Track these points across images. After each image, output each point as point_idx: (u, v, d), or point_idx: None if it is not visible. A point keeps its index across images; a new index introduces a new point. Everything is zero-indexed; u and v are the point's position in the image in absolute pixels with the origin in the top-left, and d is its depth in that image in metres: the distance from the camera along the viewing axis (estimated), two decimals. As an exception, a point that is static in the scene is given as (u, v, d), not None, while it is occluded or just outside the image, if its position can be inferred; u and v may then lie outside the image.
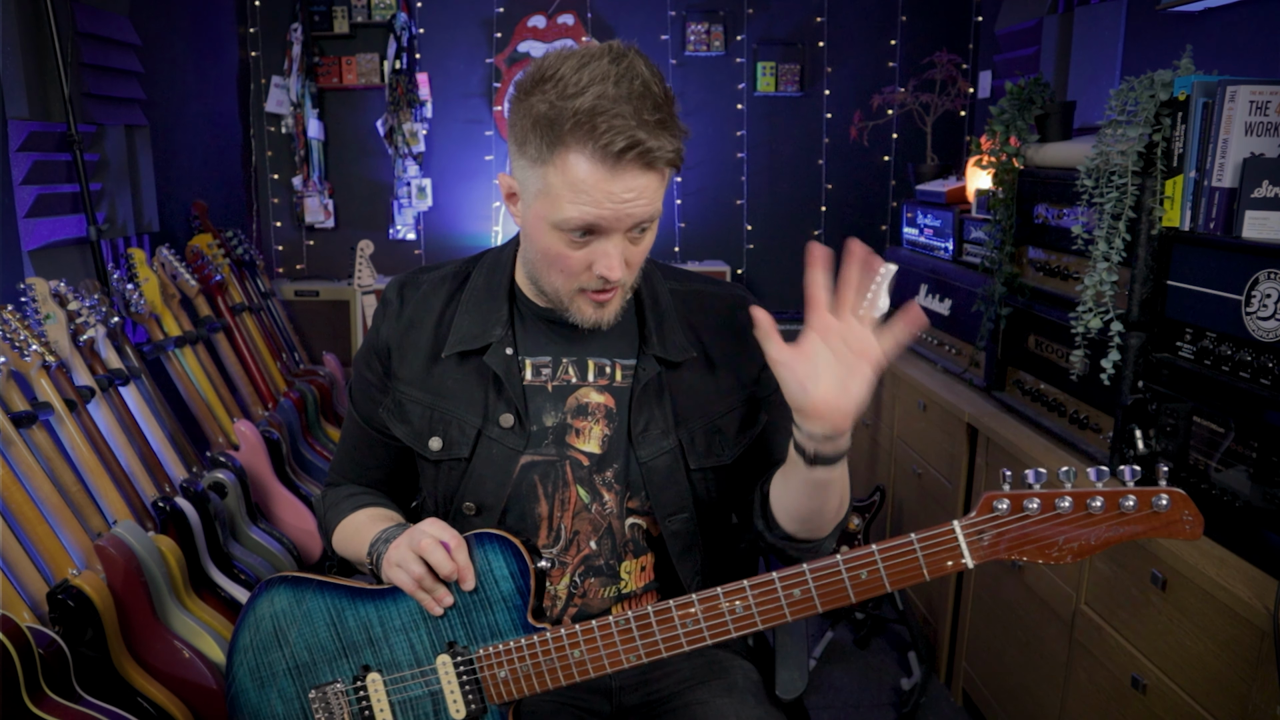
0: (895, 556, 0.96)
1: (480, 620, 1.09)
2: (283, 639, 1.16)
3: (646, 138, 0.98)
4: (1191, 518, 0.92)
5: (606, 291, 1.10)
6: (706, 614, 1.01)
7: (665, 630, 1.03)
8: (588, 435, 1.20)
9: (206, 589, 2.19)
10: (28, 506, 1.81)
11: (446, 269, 1.28)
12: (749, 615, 1.00)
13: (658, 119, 0.99)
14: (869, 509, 2.69)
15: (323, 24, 3.96)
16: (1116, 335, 1.70)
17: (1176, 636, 1.48)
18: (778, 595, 0.99)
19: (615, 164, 0.99)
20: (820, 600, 0.98)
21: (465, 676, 1.09)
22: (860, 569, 0.97)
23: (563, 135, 0.99)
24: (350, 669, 1.13)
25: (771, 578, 0.99)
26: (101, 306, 2.30)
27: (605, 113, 0.97)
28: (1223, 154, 1.52)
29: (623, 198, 1.01)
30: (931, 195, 2.87)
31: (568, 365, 1.21)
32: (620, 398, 1.20)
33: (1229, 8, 2.18)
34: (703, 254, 4.26)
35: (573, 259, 1.07)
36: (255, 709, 1.18)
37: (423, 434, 1.21)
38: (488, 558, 1.09)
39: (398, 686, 1.12)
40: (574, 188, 1.01)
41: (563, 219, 1.03)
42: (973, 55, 4.05)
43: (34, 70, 2.43)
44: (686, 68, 4.11)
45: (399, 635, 1.12)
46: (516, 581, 1.08)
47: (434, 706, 1.10)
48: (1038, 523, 0.93)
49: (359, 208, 4.19)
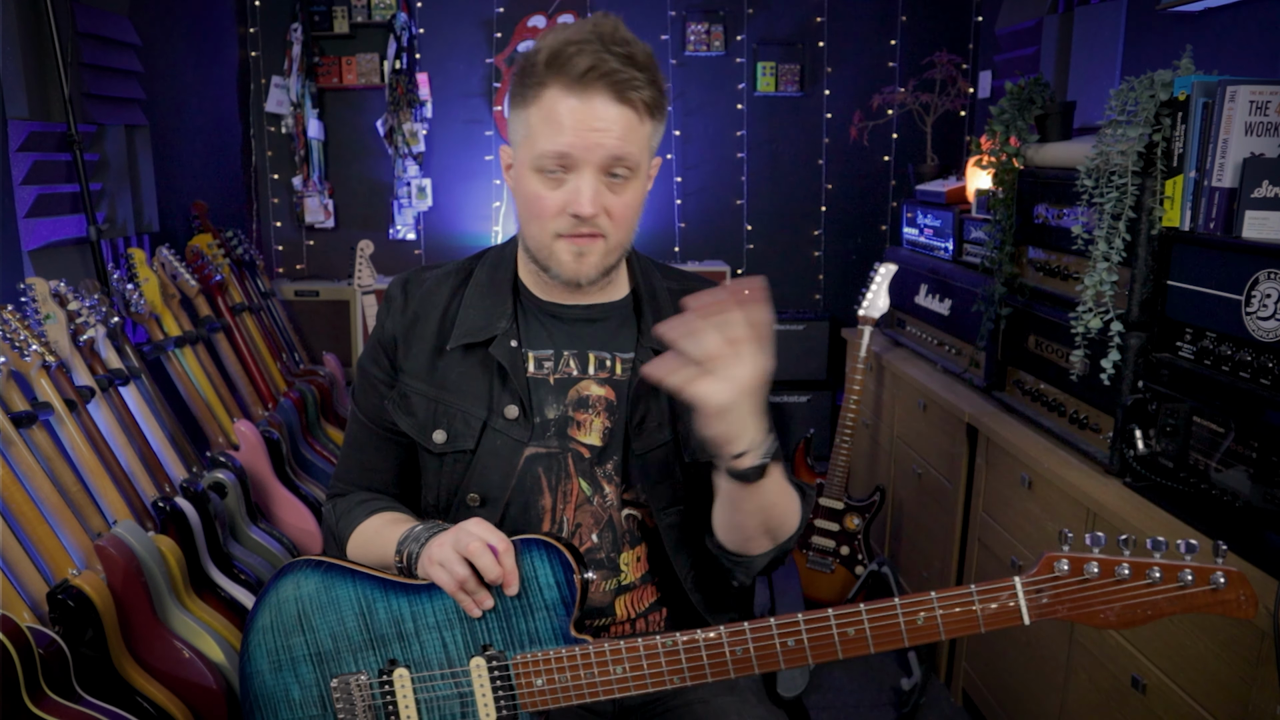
0: (953, 605, 0.96)
1: (520, 626, 1.07)
2: (306, 624, 1.13)
3: (611, 60, 1.04)
4: (1246, 598, 0.91)
5: (583, 237, 1.11)
6: (758, 645, 1.00)
7: (714, 658, 1.01)
8: (589, 428, 1.21)
9: (207, 589, 2.19)
10: (28, 506, 1.81)
11: (449, 266, 1.29)
12: (800, 650, 0.99)
13: (626, 52, 1.06)
14: (869, 509, 2.69)
15: (323, 24, 3.96)
16: (1116, 335, 1.70)
17: (1176, 636, 1.48)
18: (831, 633, 0.98)
19: (583, 89, 1.05)
20: (874, 641, 0.97)
21: (499, 681, 1.07)
22: (917, 613, 0.97)
23: (538, 73, 1.07)
24: (377, 662, 1.11)
25: (827, 614, 0.98)
26: (101, 306, 2.30)
27: (574, 42, 1.05)
28: (1223, 154, 1.52)
29: (592, 125, 1.05)
30: (931, 195, 2.87)
31: (569, 358, 1.22)
32: (620, 390, 1.22)
33: (1229, 8, 2.18)
34: (703, 254, 4.26)
35: (549, 200, 1.10)
36: (269, 692, 1.15)
37: (427, 426, 1.21)
38: (533, 564, 1.06)
39: (426, 685, 1.09)
40: (548, 119, 1.07)
41: (539, 153, 1.08)
42: (973, 55, 4.05)
43: (34, 70, 2.43)
44: (686, 68, 4.11)
45: (431, 633, 1.09)
46: (561, 591, 1.06)
47: (462, 709, 1.08)
48: (1096, 588, 0.93)
49: (359, 208, 4.19)
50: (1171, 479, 1.59)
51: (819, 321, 4.02)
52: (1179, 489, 1.57)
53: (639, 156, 1.09)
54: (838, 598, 2.71)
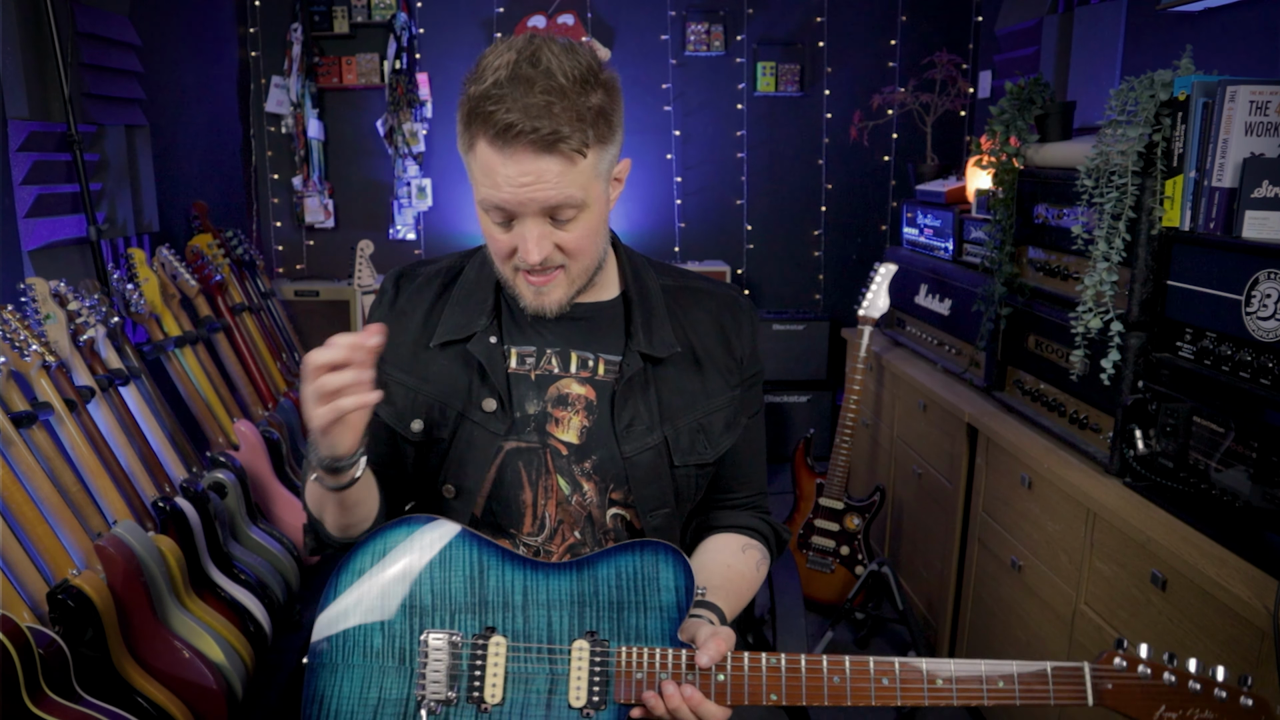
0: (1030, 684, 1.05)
1: (630, 620, 1.08)
2: (411, 576, 1.11)
3: (529, 117, 1.00)
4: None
5: (539, 275, 1.12)
6: (855, 677, 1.05)
7: (812, 681, 1.05)
8: (566, 425, 1.21)
9: (207, 589, 2.19)
10: (28, 506, 1.81)
11: (443, 263, 1.30)
12: (891, 690, 1.05)
13: (546, 101, 1.00)
14: (869, 509, 2.69)
15: (323, 24, 3.96)
16: (1116, 335, 1.70)
17: (1176, 636, 1.48)
18: (922, 687, 1.05)
19: (504, 146, 1.02)
20: (958, 697, 1.05)
21: (597, 667, 1.07)
22: (996, 680, 1.05)
23: (470, 123, 1.06)
24: (475, 626, 1.10)
25: (920, 667, 1.05)
26: (101, 306, 2.30)
27: (491, 97, 1.01)
28: (1223, 154, 1.52)
29: (519, 181, 1.04)
30: (931, 195, 2.87)
31: (551, 356, 1.23)
32: (601, 391, 1.22)
33: (1229, 8, 2.18)
34: (703, 254, 4.26)
35: (501, 241, 1.11)
36: (348, 637, 1.11)
37: (405, 415, 1.22)
38: (658, 564, 1.09)
39: (520, 657, 1.09)
40: (484, 170, 1.06)
41: (481, 199, 1.09)
42: (973, 55, 4.05)
43: (34, 70, 2.43)
44: (686, 68, 4.11)
45: (540, 610, 1.09)
46: (678, 595, 1.08)
47: (550, 687, 1.07)
48: (1148, 686, 1.03)
49: (359, 208, 4.19)
50: (1171, 479, 1.59)
51: (819, 321, 4.02)
52: (1179, 489, 1.57)
53: (581, 195, 1.06)
54: (838, 598, 2.71)
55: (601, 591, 1.09)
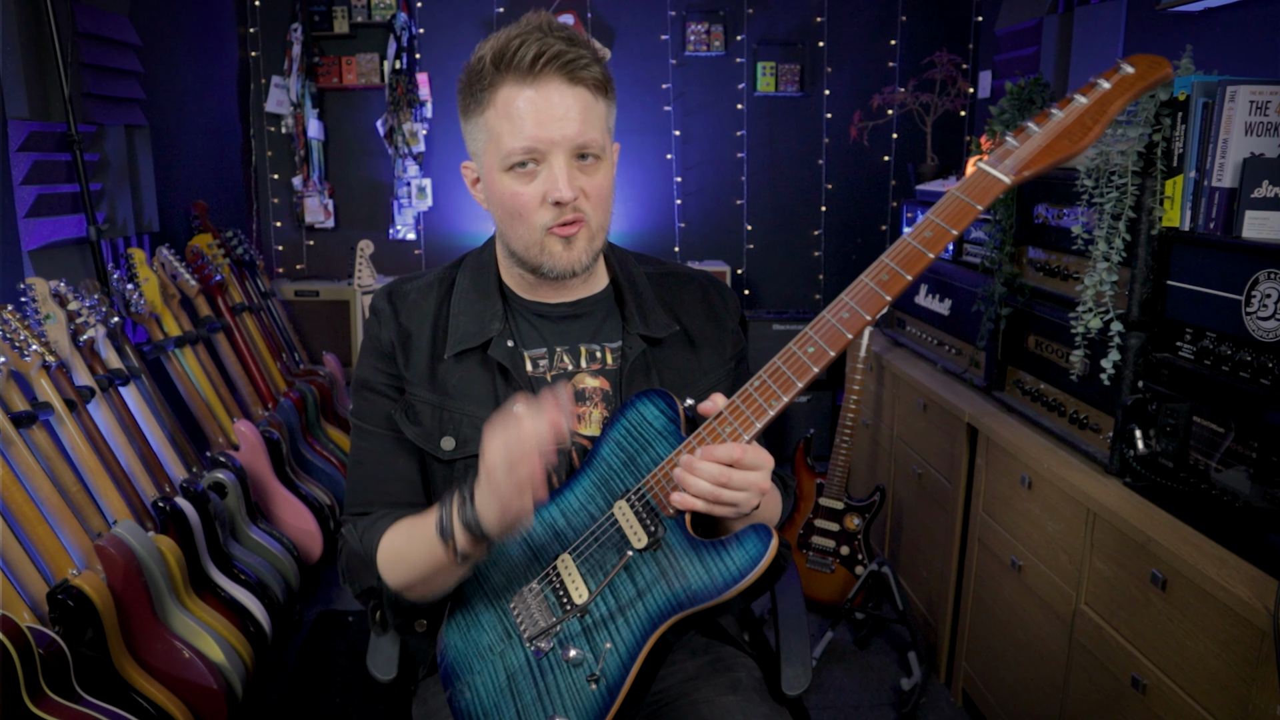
0: (945, 209, 1.10)
1: (644, 459, 1.11)
2: (480, 575, 1.17)
3: (556, 43, 1.07)
4: (1154, 62, 1.04)
5: (569, 225, 1.13)
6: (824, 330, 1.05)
7: (777, 378, 1.04)
8: (588, 420, 1.23)
9: (207, 589, 2.19)
10: (28, 506, 1.81)
11: (429, 276, 1.29)
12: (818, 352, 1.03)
13: (566, 35, 1.08)
14: (869, 509, 2.69)
15: (323, 24, 3.97)
16: (1116, 335, 1.70)
17: (1176, 636, 1.48)
18: (853, 310, 1.04)
19: (535, 78, 1.07)
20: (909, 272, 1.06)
21: (640, 508, 1.09)
22: (923, 231, 1.08)
23: (486, 75, 1.09)
24: (542, 567, 1.14)
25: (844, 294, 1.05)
26: (101, 306, 2.30)
27: (515, 36, 1.08)
28: (1223, 154, 1.52)
29: (552, 114, 1.08)
30: (931, 195, 2.87)
31: (562, 354, 1.24)
32: (613, 380, 1.24)
33: (1229, 8, 2.18)
34: (703, 254, 4.26)
35: (528, 196, 1.11)
36: (461, 655, 1.18)
37: (434, 434, 1.21)
38: (638, 409, 1.13)
39: (584, 556, 1.12)
40: (508, 117, 1.08)
41: (506, 153, 1.09)
42: (973, 55, 4.05)
43: (34, 70, 2.43)
44: (686, 68, 4.11)
45: (579, 515, 1.13)
46: (668, 414, 1.11)
47: (618, 555, 1.09)
48: (1045, 136, 1.06)
49: (359, 208, 4.19)
50: (1171, 479, 1.59)
51: (819, 321, 4.02)
52: (1179, 489, 1.57)
53: (602, 139, 1.12)
54: (838, 598, 2.71)
55: (612, 462, 1.13)
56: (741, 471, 1.01)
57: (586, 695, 1.07)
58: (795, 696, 1.28)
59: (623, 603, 1.07)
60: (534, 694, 1.10)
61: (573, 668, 1.09)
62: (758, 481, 1.02)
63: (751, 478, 1.01)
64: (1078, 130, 1.04)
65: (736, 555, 1.02)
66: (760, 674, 1.30)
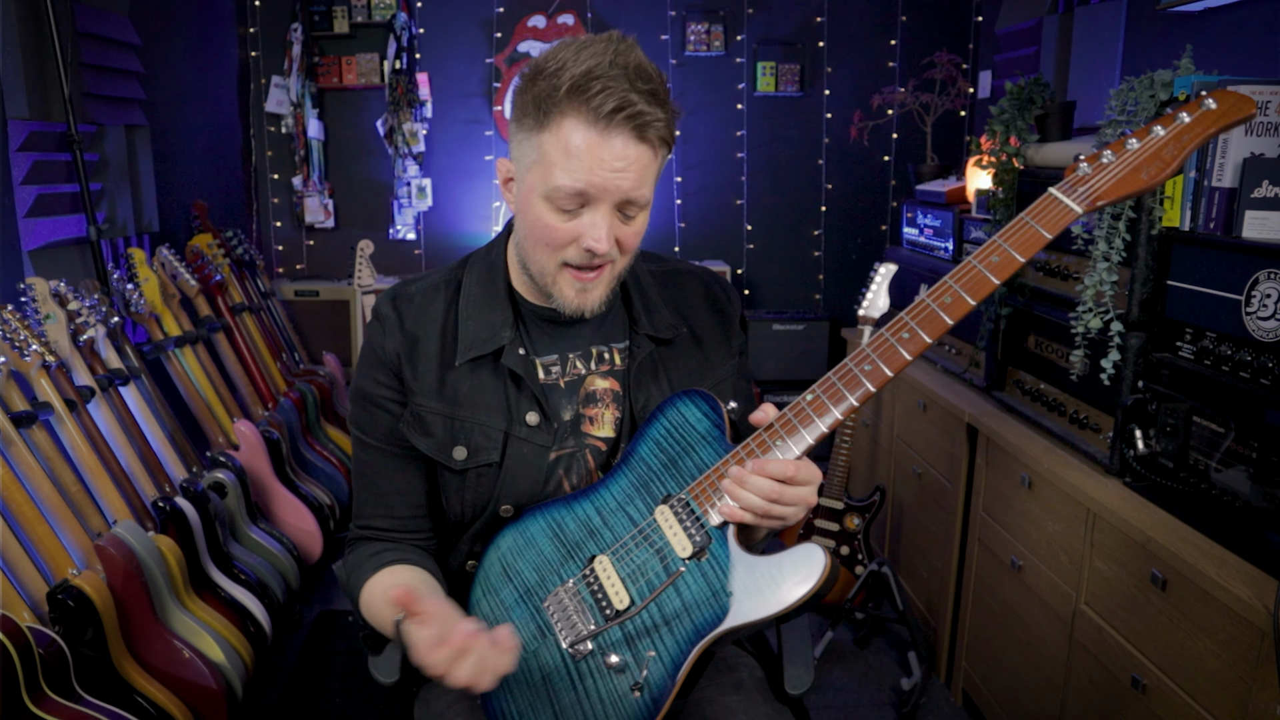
0: (1013, 233, 1.04)
1: (686, 464, 1.10)
2: (511, 572, 1.16)
3: (638, 100, 1.02)
4: (1239, 99, 1.01)
5: (591, 270, 1.11)
6: (881, 352, 1.05)
7: (846, 378, 1.05)
8: (600, 421, 1.22)
9: (207, 589, 2.19)
10: (28, 506, 1.81)
11: (434, 277, 1.26)
12: (916, 337, 1.03)
13: (650, 89, 1.03)
14: (869, 509, 2.69)
15: (323, 24, 3.97)
16: (1116, 335, 1.70)
17: (1176, 636, 1.48)
18: (930, 308, 1.04)
19: (606, 127, 1.02)
20: (970, 294, 1.03)
21: (684, 515, 1.09)
22: (989, 256, 1.04)
23: (558, 100, 1.03)
24: (578, 566, 1.13)
25: (923, 300, 1.04)
26: (101, 306, 2.30)
27: (600, 77, 1.01)
28: (1223, 154, 1.52)
29: (613, 165, 1.04)
30: (931, 195, 2.87)
31: (574, 360, 1.23)
32: (623, 381, 1.24)
33: (1229, 8, 2.18)
34: (703, 254, 4.26)
35: (560, 231, 1.08)
36: None
37: (446, 445, 1.19)
38: (679, 410, 1.13)
39: (623, 558, 1.11)
40: (566, 152, 1.04)
41: (554, 186, 1.05)
42: (973, 55, 4.05)
43: (34, 70, 2.43)
44: (686, 68, 4.11)
45: (617, 515, 1.13)
46: (711, 418, 1.10)
47: (661, 561, 1.09)
48: (1119, 166, 1.03)
49: (359, 208, 4.19)
50: (1171, 479, 1.59)
51: (819, 321, 4.02)
52: (1179, 489, 1.57)
53: (648, 193, 1.09)
54: (837, 598, 2.71)
55: (652, 464, 1.13)
56: (794, 488, 1.01)
57: (630, 704, 1.06)
58: (797, 696, 1.28)
59: (668, 614, 1.07)
60: (572, 696, 1.09)
61: (614, 674, 1.08)
62: (807, 497, 1.02)
63: (801, 493, 1.02)
64: (1154, 164, 1.02)
65: (787, 575, 1.02)
66: (762, 673, 1.30)
